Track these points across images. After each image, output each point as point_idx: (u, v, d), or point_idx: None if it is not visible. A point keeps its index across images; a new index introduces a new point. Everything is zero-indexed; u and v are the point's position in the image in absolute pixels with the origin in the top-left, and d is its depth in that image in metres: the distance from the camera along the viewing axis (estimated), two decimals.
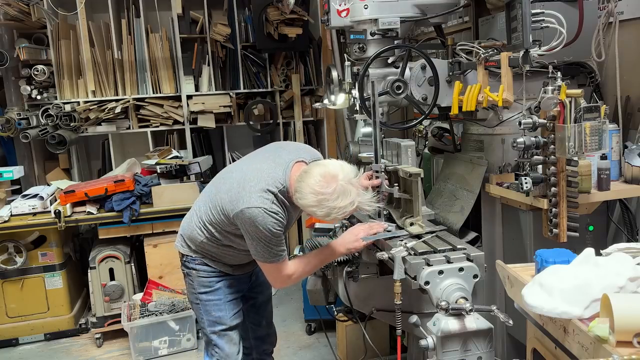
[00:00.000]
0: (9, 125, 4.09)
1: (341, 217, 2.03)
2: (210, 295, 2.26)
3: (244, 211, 1.99)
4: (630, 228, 2.37)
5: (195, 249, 2.25)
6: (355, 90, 2.32)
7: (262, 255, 2.06)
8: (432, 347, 1.70)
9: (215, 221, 2.14)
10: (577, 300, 1.34)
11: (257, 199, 1.99)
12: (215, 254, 2.24)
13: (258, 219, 1.97)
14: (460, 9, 2.64)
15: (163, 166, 4.02)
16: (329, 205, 1.92)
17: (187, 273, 2.30)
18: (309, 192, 1.94)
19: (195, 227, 2.23)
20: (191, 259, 2.26)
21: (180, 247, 2.32)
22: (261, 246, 2.03)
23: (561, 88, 1.90)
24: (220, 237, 2.17)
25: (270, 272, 2.14)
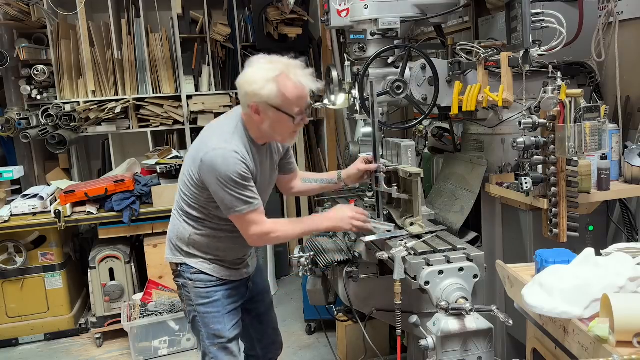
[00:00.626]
0: (9, 125, 4.09)
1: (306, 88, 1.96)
2: (208, 307, 2.15)
3: (204, 160, 1.94)
4: (630, 228, 2.37)
5: (187, 250, 2.16)
6: (355, 90, 2.32)
7: (233, 206, 1.95)
8: (432, 347, 1.70)
9: (190, 198, 2.08)
10: (577, 300, 1.34)
11: (214, 143, 1.96)
12: (208, 247, 2.14)
13: (218, 161, 1.91)
14: (460, 9, 2.64)
15: (163, 166, 4.02)
16: (282, 76, 1.89)
17: (183, 284, 2.18)
18: (258, 71, 1.92)
19: (178, 222, 2.17)
20: (186, 268, 2.16)
21: (171, 258, 2.21)
22: (229, 194, 1.93)
23: (561, 88, 1.90)
24: (203, 216, 2.09)
25: (245, 225, 2.00)
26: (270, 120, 1.96)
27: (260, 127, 2.00)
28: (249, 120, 2.03)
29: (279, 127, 1.99)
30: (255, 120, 1.99)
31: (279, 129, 2.00)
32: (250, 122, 2.03)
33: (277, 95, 1.91)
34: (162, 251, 3.87)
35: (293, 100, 1.93)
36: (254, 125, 2.02)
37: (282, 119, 1.96)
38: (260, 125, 1.99)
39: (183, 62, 4.64)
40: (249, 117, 2.01)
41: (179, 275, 2.20)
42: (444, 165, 2.78)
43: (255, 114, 1.96)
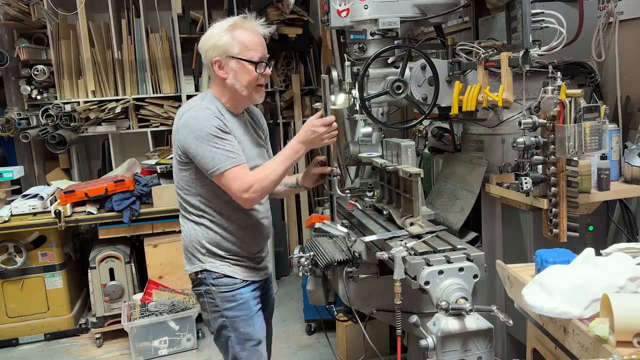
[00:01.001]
0: (9, 125, 4.09)
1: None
2: (236, 310, 2.10)
3: (179, 127, 1.99)
4: (630, 228, 2.37)
5: (205, 254, 2.10)
6: (355, 90, 2.32)
7: (215, 163, 1.93)
8: (432, 347, 1.70)
9: (185, 187, 2.07)
10: (577, 300, 1.34)
11: (185, 110, 2.03)
12: (224, 245, 2.10)
13: (191, 121, 1.96)
14: (460, 9, 2.63)
15: (163, 166, 4.02)
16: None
17: (205, 292, 2.11)
18: (213, 28, 2.06)
19: (187, 227, 2.14)
20: (207, 274, 2.09)
21: (190, 268, 2.14)
22: (208, 150, 1.93)
23: (561, 88, 1.90)
24: (203, 206, 2.07)
25: (230, 182, 1.95)
26: (233, 72, 2.03)
27: (226, 84, 2.05)
28: (218, 84, 2.08)
29: (242, 78, 2.03)
30: (220, 78, 2.05)
31: (243, 80, 2.03)
32: (219, 85, 2.08)
33: (234, 43, 2.01)
34: (162, 251, 3.90)
35: (250, 45, 2.02)
36: (220, 84, 2.07)
37: (244, 68, 2.03)
38: (225, 82, 2.04)
39: (183, 62, 4.64)
40: (216, 80, 2.08)
41: (199, 284, 2.13)
42: (444, 165, 2.77)
43: (219, 70, 2.03)
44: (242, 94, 2.07)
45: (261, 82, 2.10)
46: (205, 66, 2.11)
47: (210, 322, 2.15)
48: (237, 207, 2.07)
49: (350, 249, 2.26)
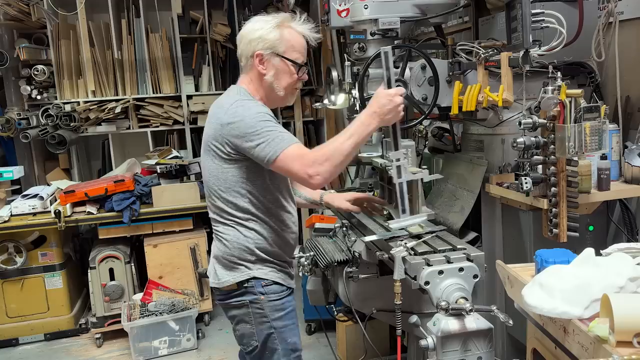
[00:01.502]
0: (9, 125, 4.09)
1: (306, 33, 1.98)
2: (285, 319, 1.98)
3: (225, 121, 1.84)
4: (630, 228, 2.37)
5: (255, 260, 1.96)
6: (355, 90, 2.32)
7: (275, 145, 1.78)
8: (432, 347, 1.70)
9: (234, 180, 1.90)
10: (577, 300, 1.34)
11: (228, 104, 1.88)
12: (272, 248, 1.97)
13: (239, 111, 1.83)
14: (460, 9, 2.63)
15: (163, 166, 4.02)
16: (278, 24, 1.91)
17: (252, 301, 1.95)
18: (259, 21, 1.93)
19: (230, 226, 1.95)
20: (255, 282, 1.95)
21: (232, 278, 1.95)
22: (265, 134, 1.79)
23: (561, 88, 1.90)
24: (256, 192, 1.92)
25: (294, 162, 1.78)
26: (274, 70, 1.94)
27: (263, 80, 1.95)
28: (253, 80, 1.97)
29: (282, 78, 1.95)
30: (258, 73, 1.94)
31: (282, 80, 1.95)
32: (253, 82, 1.97)
33: (282, 41, 1.92)
34: (162, 251, 3.90)
35: (297, 47, 1.95)
36: (256, 81, 1.97)
37: (286, 69, 1.95)
38: (263, 78, 1.94)
39: (183, 62, 4.64)
40: (250, 76, 1.97)
41: (243, 294, 1.96)
42: (444, 165, 2.77)
43: (260, 64, 1.93)
44: (278, 94, 1.98)
45: (298, 86, 2.04)
46: (242, 58, 1.98)
47: (255, 334, 1.97)
48: (281, 207, 1.99)
49: (350, 249, 2.26)
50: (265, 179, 1.94)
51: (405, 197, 2.00)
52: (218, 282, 2.00)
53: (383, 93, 1.91)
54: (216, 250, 2.02)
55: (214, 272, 2.03)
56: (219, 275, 1.99)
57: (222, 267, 1.99)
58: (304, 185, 1.88)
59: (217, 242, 2.02)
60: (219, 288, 2.01)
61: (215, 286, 2.03)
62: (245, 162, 1.89)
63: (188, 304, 3.72)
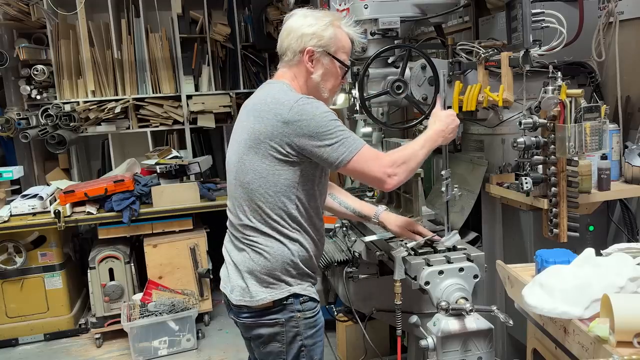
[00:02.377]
0: (8, 125, 4.09)
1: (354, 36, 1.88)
2: (316, 336, 1.84)
3: (291, 119, 1.68)
4: (631, 228, 2.37)
5: (295, 273, 1.79)
6: (355, 90, 2.32)
7: (349, 145, 1.69)
8: (432, 347, 1.70)
9: (286, 184, 1.74)
10: (577, 300, 1.34)
11: (289, 99, 1.71)
12: (313, 254, 1.84)
13: (307, 108, 1.69)
14: (460, 9, 2.63)
15: (163, 166, 4.02)
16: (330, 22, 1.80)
17: (288, 319, 1.78)
18: (311, 17, 1.80)
19: (275, 237, 1.77)
20: (294, 299, 1.77)
21: (273, 294, 1.76)
22: (337, 135, 1.68)
23: (561, 88, 1.90)
24: (305, 198, 1.77)
25: (370, 162, 1.70)
26: (322, 69, 1.82)
27: (310, 78, 1.83)
28: (297, 77, 1.85)
29: (329, 80, 1.85)
30: (305, 69, 1.82)
31: (328, 81, 1.85)
32: (298, 77, 1.85)
33: (335, 40, 1.81)
34: (162, 251, 3.90)
35: (346, 48, 1.86)
36: (301, 78, 1.84)
37: (334, 70, 1.84)
38: (310, 76, 1.83)
39: (183, 62, 4.64)
40: (295, 71, 1.85)
41: (280, 311, 1.78)
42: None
43: (309, 61, 1.81)
44: (322, 95, 1.85)
45: (339, 89, 1.97)
46: (288, 52, 1.83)
47: (284, 353, 1.81)
48: (318, 216, 1.87)
49: (350, 249, 2.26)
50: (315, 184, 1.81)
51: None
52: (251, 299, 1.78)
53: (447, 113, 1.91)
54: (251, 264, 1.78)
55: (242, 288, 1.80)
56: (253, 292, 1.77)
57: (258, 283, 1.78)
58: (377, 186, 1.80)
59: (254, 255, 1.78)
60: (250, 306, 1.80)
61: (245, 304, 1.80)
62: (302, 164, 1.75)
63: (188, 304, 3.72)
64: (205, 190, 4.05)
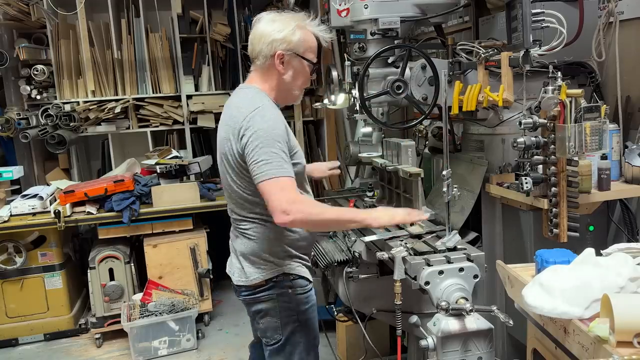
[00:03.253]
0: (8, 125, 4.09)
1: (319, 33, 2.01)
2: (309, 312, 2.05)
3: (242, 127, 1.83)
4: (631, 228, 2.37)
5: (283, 254, 1.99)
6: (355, 90, 2.32)
7: (271, 169, 1.78)
8: (432, 348, 1.70)
9: (251, 179, 1.86)
10: (577, 300, 1.34)
11: (248, 109, 1.86)
12: (300, 237, 2.00)
13: (257, 120, 1.82)
14: (460, 9, 2.64)
15: (163, 166, 4.02)
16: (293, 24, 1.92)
17: (279, 295, 1.98)
18: (278, 22, 1.93)
19: (259, 224, 1.96)
20: (283, 277, 1.98)
21: (262, 275, 1.97)
22: (268, 154, 1.78)
23: (561, 88, 1.90)
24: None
25: (279, 192, 1.77)
26: (293, 70, 1.97)
27: (281, 79, 1.96)
28: (268, 79, 1.97)
29: (299, 78, 2.00)
30: (277, 72, 1.95)
31: (299, 80, 2.00)
32: (269, 80, 1.98)
33: (302, 42, 1.95)
34: (162, 251, 3.90)
35: (313, 47, 2.00)
36: (272, 80, 1.97)
37: (303, 69, 1.99)
38: (282, 77, 1.96)
39: (183, 62, 4.64)
40: (268, 74, 1.97)
41: (271, 288, 1.99)
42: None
43: (280, 64, 1.93)
44: (292, 93, 2.04)
45: (307, 84, 2.09)
46: (258, 56, 1.95)
47: (279, 328, 2.01)
48: None
49: (350, 249, 2.26)
50: None
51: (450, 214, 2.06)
52: (246, 279, 2.00)
53: (390, 211, 2.00)
54: (242, 248, 2.01)
55: (239, 270, 2.03)
56: (247, 272, 2.00)
57: (250, 264, 2.00)
58: (273, 216, 1.81)
59: (244, 240, 2.01)
60: (247, 285, 2.01)
61: (241, 284, 2.02)
62: None
63: (188, 304, 3.72)
64: (205, 190, 4.05)
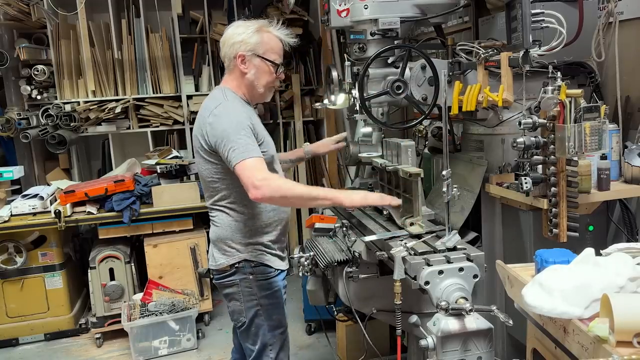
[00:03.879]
0: (9, 125, 4.09)
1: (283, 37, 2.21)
2: (271, 297, 2.23)
3: (208, 122, 2.07)
4: (630, 228, 2.37)
5: (246, 243, 2.18)
6: (355, 90, 2.32)
7: (237, 155, 1.98)
8: (432, 347, 1.70)
9: (218, 173, 2.13)
10: (577, 300, 1.34)
11: (212, 106, 2.10)
12: (263, 227, 2.20)
13: (222, 113, 2.05)
14: (460, 9, 2.63)
15: (163, 166, 4.02)
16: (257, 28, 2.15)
17: (241, 280, 2.20)
18: (240, 27, 2.17)
19: (222, 212, 2.19)
20: (245, 264, 2.19)
21: (225, 260, 2.20)
22: (233, 143, 1.99)
23: (561, 88, 1.90)
24: (240, 195, 2.12)
25: (245, 171, 1.96)
26: (255, 69, 2.17)
27: (245, 78, 2.18)
28: (236, 78, 2.20)
29: (262, 77, 2.19)
30: (240, 71, 2.17)
31: (262, 78, 2.19)
32: (236, 79, 2.19)
33: (261, 43, 2.15)
34: (162, 251, 3.90)
35: (275, 49, 2.19)
36: (239, 79, 2.19)
37: (265, 68, 2.18)
38: (245, 76, 2.17)
39: (183, 62, 4.64)
40: (234, 75, 2.19)
41: (234, 274, 2.20)
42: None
43: (242, 64, 2.16)
44: (258, 91, 2.21)
45: (276, 84, 2.28)
46: (225, 59, 2.21)
47: (243, 311, 2.22)
48: None
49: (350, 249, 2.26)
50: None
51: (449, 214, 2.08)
52: (215, 264, 2.23)
53: (363, 193, 2.16)
54: (212, 234, 2.25)
55: (211, 255, 2.27)
56: (216, 257, 2.23)
57: (218, 251, 2.22)
58: (248, 193, 1.99)
59: (214, 227, 2.25)
60: (216, 269, 2.23)
61: (212, 268, 2.26)
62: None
63: (188, 304, 3.72)
64: None
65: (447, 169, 1.94)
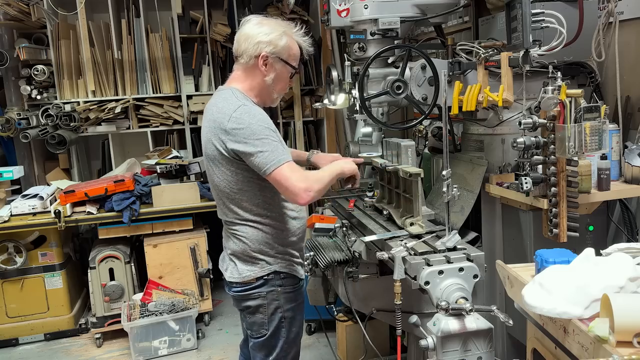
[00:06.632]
0: (9, 125, 4.09)
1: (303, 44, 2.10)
2: (296, 309, 2.12)
3: (229, 128, 1.90)
4: (630, 228, 2.37)
5: (273, 252, 2.06)
6: (355, 90, 2.32)
7: (272, 159, 1.87)
8: (432, 347, 1.70)
9: (245, 182, 1.98)
10: (577, 300, 1.34)
11: (231, 108, 1.94)
12: (290, 236, 2.09)
13: (244, 117, 1.90)
14: (460, 9, 2.64)
15: (163, 166, 4.02)
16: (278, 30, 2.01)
17: (269, 292, 2.06)
18: (266, 25, 2.01)
19: (249, 225, 2.03)
20: (274, 275, 2.06)
21: (253, 272, 2.05)
22: (264, 147, 1.87)
23: (561, 88, 1.90)
24: (269, 191, 2.00)
25: (288, 176, 1.87)
26: (275, 73, 2.04)
27: (262, 80, 2.04)
28: (248, 79, 2.06)
29: (279, 82, 2.08)
30: (259, 72, 2.03)
31: (279, 83, 2.08)
32: (249, 80, 2.06)
33: (286, 48, 2.03)
34: (162, 251, 3.90)
35: (296, 55, 2.08)
36: (252, 79, 2.05)
37: (285, 73, 2.07)
38: (264, 79, 2.04)
39: (183, 62, 4.64)
40: (249, 74, 2.05)
41: (261, 285, 2.06)
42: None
43: (263, 65, 2.01)
44: (271, 96, 2.11)
45: (286, 90, 2.21)
46: (243, 55, 2.03)
47: (266, 324, 2.09)
48: (293, 204, 2.06)
49: (350, 249, 2.26)
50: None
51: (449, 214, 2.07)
52: (238, 276, 2.07)
53: (346, 160, 2.19)
54: (235, 248, 2.08)
55: (232, 267, 2.10)
56: (240, 269, 2.07)
57: (242, 263, 2.08)
58: (292, 199, 1.93)
59: (237, 241, 2.08)
60: (239, 282, 2.08)
61: (234, 280, 2.09)
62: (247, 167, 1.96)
63: (188, 304, 3.72)
64: (205, 190, 4.05)
65: (447, 169, 1.93)
